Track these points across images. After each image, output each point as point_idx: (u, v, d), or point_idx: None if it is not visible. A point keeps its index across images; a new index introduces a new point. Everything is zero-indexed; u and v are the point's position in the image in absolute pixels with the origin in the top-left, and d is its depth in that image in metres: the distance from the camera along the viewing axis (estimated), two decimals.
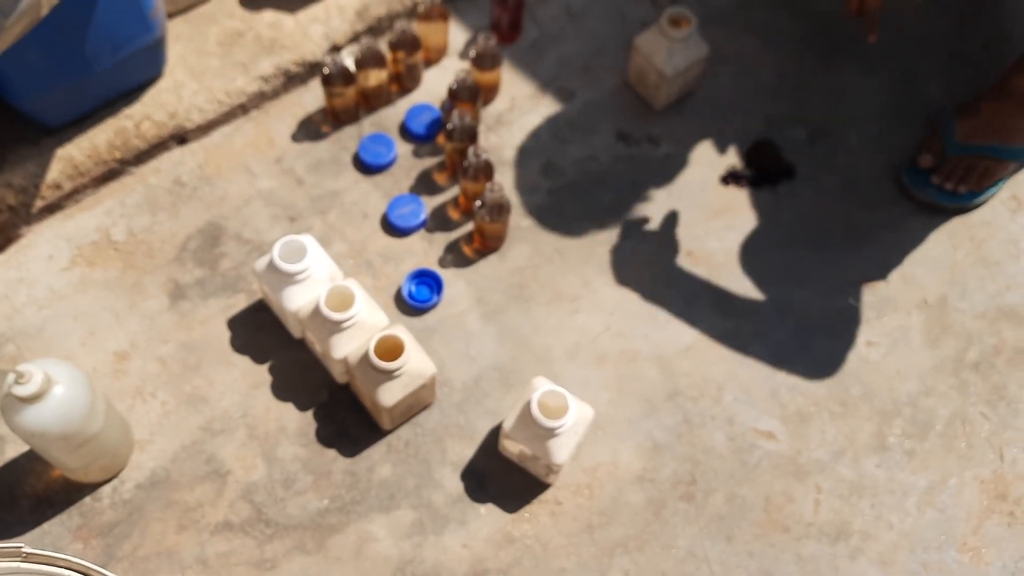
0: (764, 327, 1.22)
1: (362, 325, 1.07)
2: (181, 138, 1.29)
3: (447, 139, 1.24)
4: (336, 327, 1.06)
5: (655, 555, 1.08)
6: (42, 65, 1.10)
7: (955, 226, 1.30)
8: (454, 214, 1.28)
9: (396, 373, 1.03)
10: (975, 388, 1.19)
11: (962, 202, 1.29)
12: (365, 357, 1.04)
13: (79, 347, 1.16)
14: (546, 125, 1.35)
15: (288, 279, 1.08)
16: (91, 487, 1.07)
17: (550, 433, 1.01)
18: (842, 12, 1.25)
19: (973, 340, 1.22)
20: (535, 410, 1.00)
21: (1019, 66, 1.28)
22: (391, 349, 1.04)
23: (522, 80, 1.39)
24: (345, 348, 1.07)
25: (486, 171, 1.21)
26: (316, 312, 1.06)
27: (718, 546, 1.08)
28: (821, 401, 1.18)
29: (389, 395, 1.04)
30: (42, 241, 1.22)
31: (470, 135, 1.23)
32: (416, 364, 1.05)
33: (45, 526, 1.05)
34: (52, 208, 1.23)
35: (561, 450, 1.02)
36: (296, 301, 1.09)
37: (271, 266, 1.08)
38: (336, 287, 1.06)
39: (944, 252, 1.28)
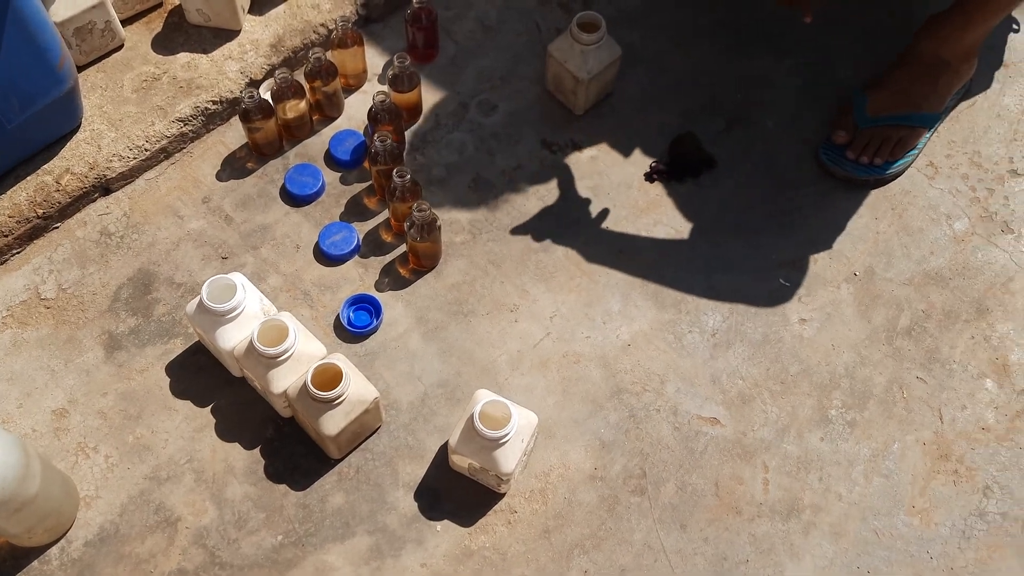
0: (699, 316, 1.24)
1: (299, 357, 1.07)
2: (105, 188, 1.29)
3: (371, 163, 1.25)
4: (272, 362, 1.06)
5: (612, 552, 1.09)
6: None
7: (875, 198, 1.34)
8: (387, 236, 1.29)
9: (337, 401, 1.04)
10: (909, 353, 1.22)
11: (879, 173, 1.32)
12: (304, 388, 1.04)
13: (16, 409, 1.14)
14: (471, 140, 1.37)
15: (220, 318, 1.08)
16: (38, 550, 1.06)
17: (495, 444, 1.02)
18: (774, 4, 1.27)
19: (903, 307, 1.25)
20: (477, 423, 1.01)
21: (924, 31, 1.32)
22: (329, 378, 1.04)
23: (444, 97, 1.40)
24: (284, 382, 1.07)
25: (412, 191, 1.21)
26: (251, 349, 1.06)
27: (673, 535, 1.10)
28: (761, 382, 1.20)
29: (332, 424, 1.04)
30: None
31: (394, 157, 1.24)
32: (357, 390, 1.06)
33: None
34: None
35: (508, 459, 1.03)
36: (231, 340, 1.09)
37: (201, 307, 1.08)
38: (268, 321, 1.06)
39: (867, 224, 1.31)
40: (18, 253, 1.24)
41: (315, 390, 1.02)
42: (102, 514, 1.09)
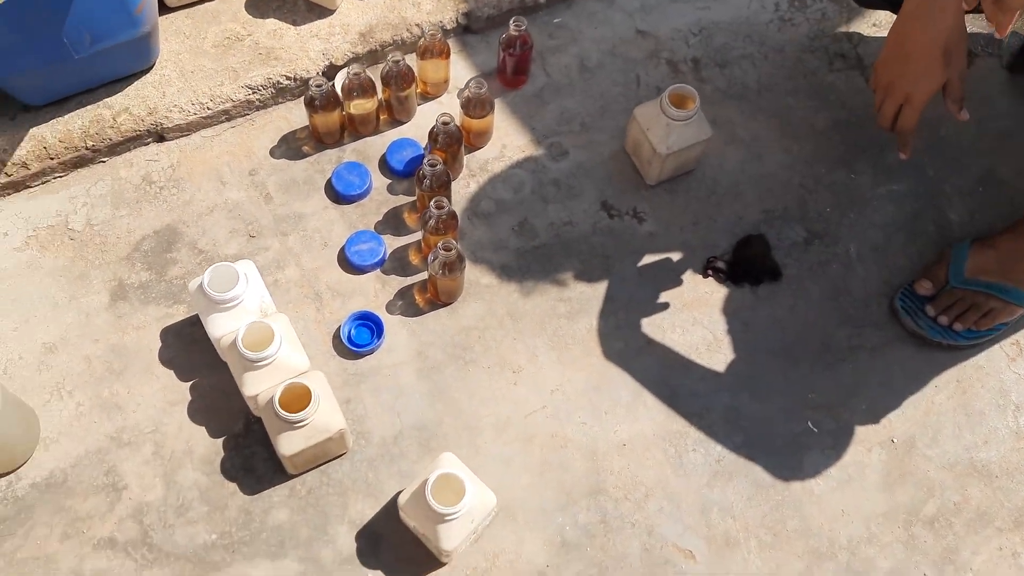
0: (710, 436, 1.14)
1: (279, 365, 1.04)
2: (159, 136, 1.28)
3: (418, 184, 1.19)
4: (251, 364, 1.02)
5: None
6: (16, 44, 1.09)
7: (943, 363, 1.20)
8: (414, 259, 1.24)
9: (299, 424, 1.00)
10: (924, 545, 1.10)
11: (954, 340, 1.19)
12: (271, 402, 1.00)
13: (11, 332, 1.15)
14: (531, 180, 1.30)
15: (215, 305, 1.05)
16: None
17: (441, 518, 0.96)
18: (876, 123, 1.16)
19: (934, 492, 1.13)
20: (428, 493, 0.95)
21: None
22: (298, 398, 1.00)
23: (517, 129, 1.33)
24: (257, 387, 1.03)
25: (448, 224, 1.15)
26: (234, 345, 1.03)
27: None
28: (752, 527, 1.10)
29: (289, 444, 1.01)
30: (0, 217, 1.22)
31: (441, 184, 1.18)
32: (323, 417, 1.01)
33: None
34: (16, 185, 1.23)
35: (451, 537, 0.97)
36: (221, 328, 1.06)
37: (201, 290, 1.06)
38: (256, 324, 1.02)
39: (924, 390, 1.18)
40: (60, 177, 1.25)
41: (280, 409, 0.98)
42: (56, 460, 1.09)
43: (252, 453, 1.11)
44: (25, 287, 1.18)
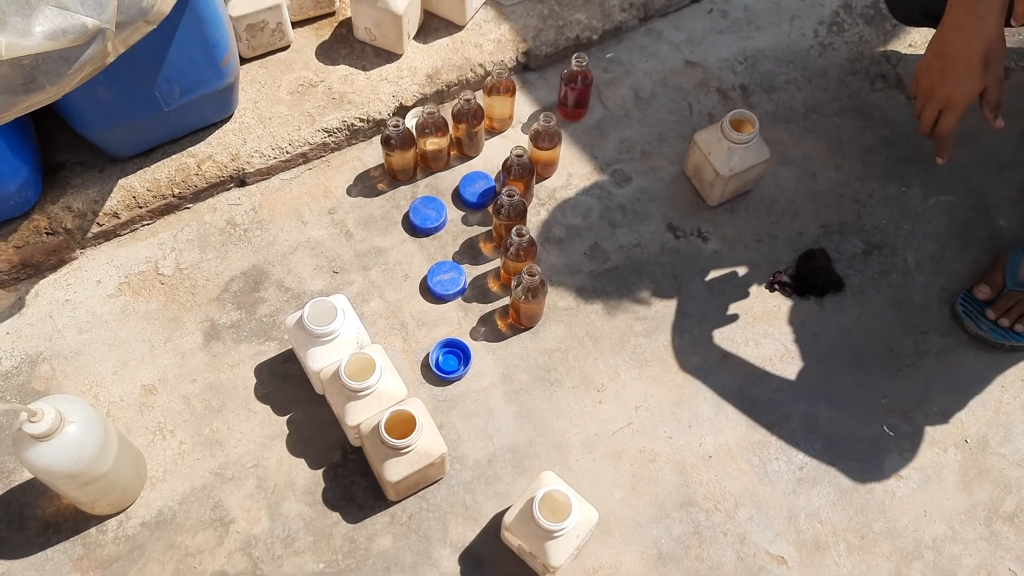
0: (791, 444, 1.18)
1: (380, 395, 1.08)
2: (241, 180, 1.33)
3: (495, 214, 1.24)
4: (353, 394, 1.06)
5: None
6: (110, 101, 1.15)
7: (1006, 363, 1.25)
8: (493, 286, 1.28)
9: (404, 450, 1.03)
10: (1007, 541, 1.13)
11: (1016, 340, 1.23)
12: (376, 430, 1.04)
13: (111, 376, 1.19)
14: (598, 207, 1.35)
15: (314, 339, 1.10)
16: (99, 518, 1.10)
17: (549, 534, 1.00)
18: (916, 130, 1.21)
19: (1011, 489, 1.16)
20: (536, 510, 0.99)
21: None
22: (402, 424, 1.04)
23: (581, 159, 1.39)
24: (360, 416, 1.07)
25: (528, 251, 1.20)
26: (335, 376, 1.07)
27: None
28: (839, 531, 1.13)
29: (395, 471, 1.04)
30: (94, 265, 1.26)
31: (518, 213, 1.23)
32: (426, 443, 1.05)
33: (48, 552, 1.07)
34: (107, 235, 1.27)
35: (559, 553, 1.01)
36: (320, 362, 1.10)
37: (300, 323, 1.10)
38: (357, 355, 1.07)
39: (991, 390, 1.23)
40: (148, 225, 1.30)
41: (387, 436, 1.02)
42: (164, 498, 1.12)
43: (352, 482, 1.14)
44: (121, 332, 1.22)
